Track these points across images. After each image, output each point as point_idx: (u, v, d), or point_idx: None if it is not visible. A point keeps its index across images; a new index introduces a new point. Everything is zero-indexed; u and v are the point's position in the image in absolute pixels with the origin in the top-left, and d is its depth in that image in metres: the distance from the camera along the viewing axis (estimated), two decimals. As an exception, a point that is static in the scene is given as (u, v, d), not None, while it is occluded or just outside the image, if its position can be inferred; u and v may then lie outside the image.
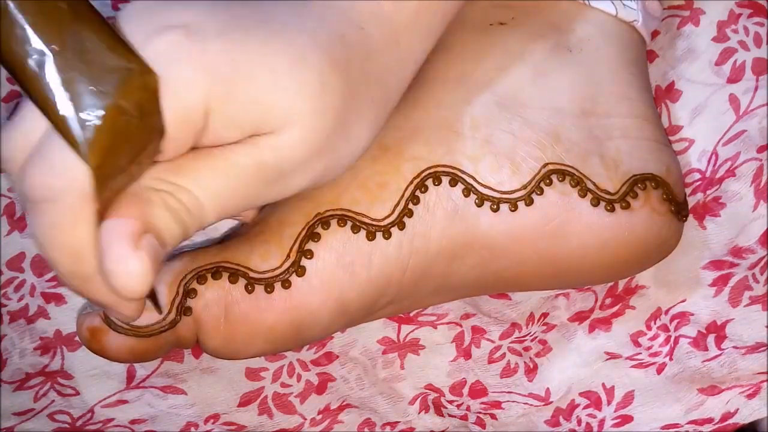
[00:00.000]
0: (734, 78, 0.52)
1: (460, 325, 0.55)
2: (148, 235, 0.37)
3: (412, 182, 0.47)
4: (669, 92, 0.54)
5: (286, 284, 0.46)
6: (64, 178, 0.35)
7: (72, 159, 0.35)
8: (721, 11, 0.53)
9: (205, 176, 0.38)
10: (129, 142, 0.35)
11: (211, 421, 0.53)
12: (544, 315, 0.55)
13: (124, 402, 0.53)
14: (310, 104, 0.38)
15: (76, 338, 0.52)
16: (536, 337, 0.55)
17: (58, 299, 0.52)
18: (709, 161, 0.53)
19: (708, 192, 0.52)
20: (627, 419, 0.53)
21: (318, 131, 0.39)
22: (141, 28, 0.36)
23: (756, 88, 0.52)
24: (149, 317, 0.45)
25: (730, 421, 0.52)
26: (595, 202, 0.47)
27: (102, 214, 0.36)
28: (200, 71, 0.36)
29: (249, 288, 0.45)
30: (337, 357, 0.54)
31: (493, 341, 0.55)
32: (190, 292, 0.45)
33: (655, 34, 0.55)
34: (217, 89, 0.36)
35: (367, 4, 0.41)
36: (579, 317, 0.54)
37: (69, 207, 0.36)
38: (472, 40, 0.50)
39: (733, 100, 0.52)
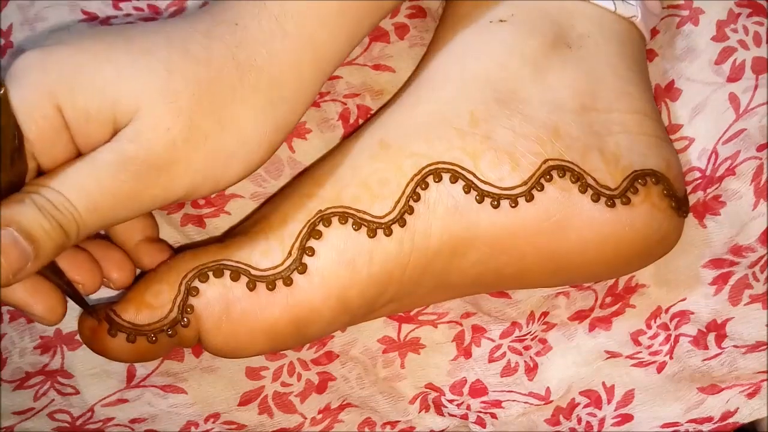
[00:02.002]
0: (734, 77, 0.52)
1: (461, 324, 0.55)
2: (8, 229, 0.39)
3: (412, 179, 0.47)
4: (669, 91, 0.54)
5: (288, 282, 0.46)
6: None
7: None
8: (721, 11, 0.53)
9: (69, 174, 0.40)
10: None
11: (212, 420, 0.53)
12: (545, 314, 0.55)
13: (124, 401, 0.53)
14: (155, 89, 0.41)
15: (76, 337, 0.53)
16: (536, 336, 0.55)
17: (58, 298, 0.52)
18: (709, 160, 0.53)
19: (708, 190, 0.52)
20: (627, 418, 0.53)
21: (172, 115, 0.41)
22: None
23: (756, 87, 0.52)
24: (150, 315, 0.45)
25: (730, 420, 0.52)
26: (596, 198, 0.47)
27: None
28: (43, 73, 0.40)
29: (250, 286, 0.45)
30: (338, 356, 0.54)
31: (493, 340, 0.55)
32: (191, 290, 0.45)
33: (654, 33, 0.55)
34: (61, 86, 0.40)
35: (247, 4, 0.44)
36: (579, 316, 0.54)
37: None
38: (472, 37, 0.50)
39: (733, 99, 0.52)
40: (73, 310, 0.52)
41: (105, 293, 0.52)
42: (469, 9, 0.51)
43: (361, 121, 0.54)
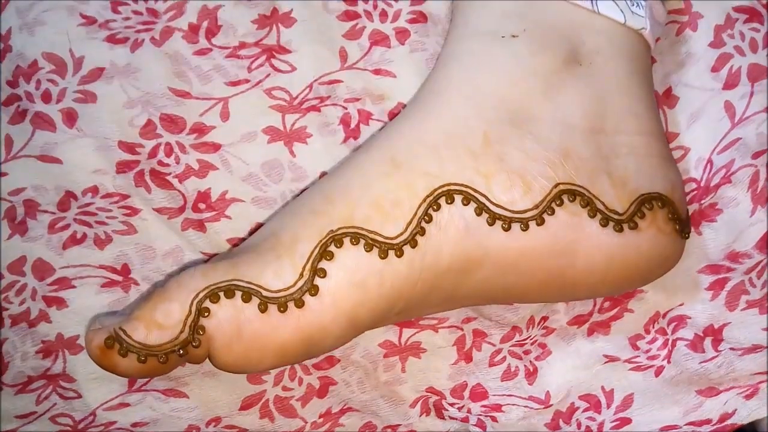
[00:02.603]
0: (730, 84, 0.52)
1: (461, 329, 0.55)
2: None
3: (425, 200, 0.47)
4: (667, 97, 0.54)
5: (300, 304, 0.46)
6: None
7: None
8: (718, 15, 0.53)
9: None
10: None
11: (213, 424, 0.54)
12: (544, 319, 0.55)
13: (126, 405, 0.53)
14: None
15: (78, 341, 0.53)
16: (536, 341, 0.55)
17: (60, 303, 0.52)
18: (704, 170, 0.53)
19: (703, 201, 0.53)
20: (626, 422, 0.54)
21: None
22: None
23: (751, 95, 0.52)
24: (161, 336, 0.45)
25: (729, 422, 0.53)
26: (604, 223, 0.47)
27: None
28: None
29: (262, 308, 0.45)
30: (339, 360, 0.54)
31: (493, 344, 0.55)
32: (203, 311, 0.45)
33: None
34: None
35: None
36: (578, 321, 0.55)
37: None
38: (483, 51, 0.49)
39: (729, 108, 0.52)
40: (77, 315, 0.52)
41: (105, 299, 0.52)
42: (480, 21, 0.50)
43: (362, 126, 0.53)
